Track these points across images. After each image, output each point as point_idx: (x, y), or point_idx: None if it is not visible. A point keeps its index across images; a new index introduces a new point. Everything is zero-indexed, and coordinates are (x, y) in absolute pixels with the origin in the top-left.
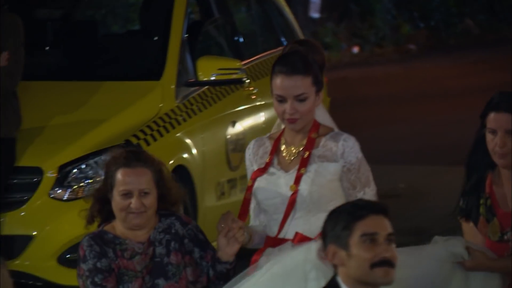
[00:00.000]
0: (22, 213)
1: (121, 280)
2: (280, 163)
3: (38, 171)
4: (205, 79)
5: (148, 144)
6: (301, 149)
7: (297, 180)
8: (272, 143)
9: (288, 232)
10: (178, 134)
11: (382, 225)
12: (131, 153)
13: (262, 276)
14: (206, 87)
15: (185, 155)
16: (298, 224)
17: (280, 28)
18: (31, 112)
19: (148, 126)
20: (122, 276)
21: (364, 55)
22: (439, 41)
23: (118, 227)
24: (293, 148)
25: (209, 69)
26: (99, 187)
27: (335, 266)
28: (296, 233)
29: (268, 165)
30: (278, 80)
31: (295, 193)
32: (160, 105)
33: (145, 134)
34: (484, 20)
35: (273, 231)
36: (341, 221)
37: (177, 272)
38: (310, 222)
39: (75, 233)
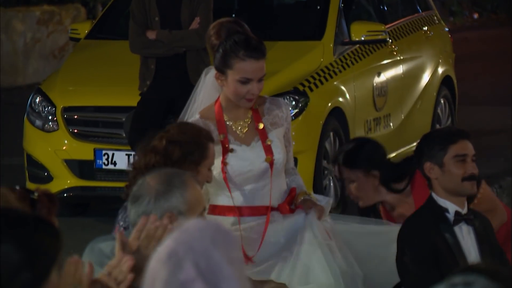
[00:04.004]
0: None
1: None
2: (237, 139)
3: None
4: (357, 39)
5: (311, 90)
6: (249, 122)
7: (269, 151)
8: (214, 123)
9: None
10: (335, 83)
11: (469, 148)
12: None
13: None
14: (357, 45)
15: (341, 99)
16: (273, 190)
17: None
18: None
19: (312, 76)
20: None
21: (482, 20)
22: None
23: None
24: (241, 122)
25: (360, 31)
26: None
27: (429, 180)
28: (283, 204)
29: (226, 143)
30: (247, 64)
31: (272, 163)
32: (321, 59)
33: (309, 82)
34: None
35: (245, 201)
36: (437, 144)
37: None
38: (279, 185)
39: None
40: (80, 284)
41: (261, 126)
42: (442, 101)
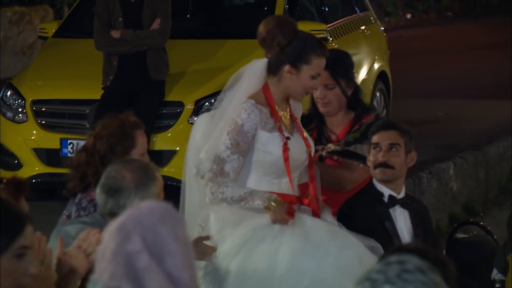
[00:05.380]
0: (169, 134)
1: None
2: (285, 129)
3: (180, 104)
4: None
5: None
6: (288, 115)
7: (307, 143)
8: (269, 110)
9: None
10: None
11: (383, 138)
12: None
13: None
14: None
15: None
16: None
17: (355, 0)
18: (176, 62)
19: None
20: None
21: (414, 20)
22: (469, 9)
23: None
24: (285, 114)
25: (304, 30)
26: None
27: None
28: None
29: (281, 130)
30: (321, 61)
31: (310, 153)
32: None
33: None
34: None
35: (279, 189)
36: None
37: None
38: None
39: None
40: (45, 258)
41: (298, 119)
42: (378, 94)
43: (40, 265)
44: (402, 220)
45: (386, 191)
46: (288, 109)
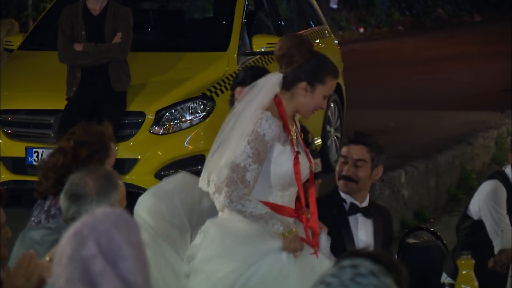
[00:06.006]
0: (131, 143)
1: None
2: (295, 143)
3: (142, 114)
4: (257, 50)
5: (217, 95)
6: (294, 130)
7: (309, 158)
8: (282, 124)
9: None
10: None
11: (351, 153)
12: None
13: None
14: (258, 56)
15: None
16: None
17: (310, 15)
18: (138, 74)
19: (218, 83)
20: None
21: (367, 34)
22: (419, 24)
23: None
24: (293, 129)
25: (260, 43)
26: None
27: None
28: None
29: (292, 144)
30: (334, 83)
31: (311, 169)
32: (226, 68)
33: (216, 88)
34: (450, 9)
35: (282, 202)
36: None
37: None
38: None
39: (167, 157)
40: (31, 277)
41: (301, 135)
42: (332, 105)
43: (25, 283)
44: (363, 229)
45: (348, 199)
46: (294, 125)
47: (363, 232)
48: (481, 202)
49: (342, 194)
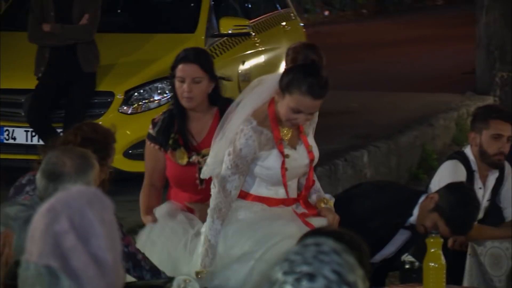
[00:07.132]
0: (100, 123)
1: None
2: (288, 144)
3: (111, 94)
4: (225, 32)
5: None
6: (286, 129)
7: (310, 152)
8: (271, 130)
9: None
10: None
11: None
12: None
13: None
14: (225, 38)
15: None
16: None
17: None
18: (107, 54)
19: None
20: None
21: (332, 17)
22: (383, 7)
23: None
24: (286, 129)
25: (228, 26)
26: None
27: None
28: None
29: (281, 148)
30: (304, 100)
31: (312, 161)
32: None
33: None
34: None
35: (280, 194)
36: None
37: None
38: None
39: (135, 136)
40: (9, 259)
41: (302, 130)
42: None
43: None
44: None
45: None
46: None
47: None
48: (442, 182)
49: None
